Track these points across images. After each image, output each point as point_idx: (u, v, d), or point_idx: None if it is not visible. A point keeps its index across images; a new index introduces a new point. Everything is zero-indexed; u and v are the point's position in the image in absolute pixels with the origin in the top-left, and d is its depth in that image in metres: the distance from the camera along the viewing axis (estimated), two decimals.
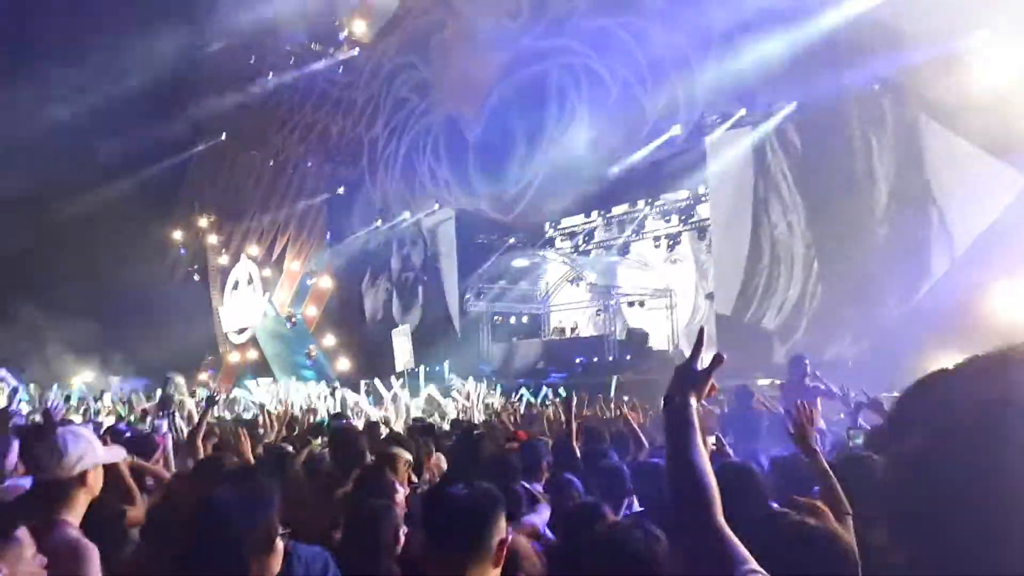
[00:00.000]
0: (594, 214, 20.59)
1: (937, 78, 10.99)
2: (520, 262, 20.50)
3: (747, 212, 14.72)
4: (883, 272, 10.46)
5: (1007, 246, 9.47)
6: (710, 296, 16.45)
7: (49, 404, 7.33)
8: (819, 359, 8.21)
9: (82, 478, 2.43)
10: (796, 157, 13.80)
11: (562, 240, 22.03)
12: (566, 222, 21.59)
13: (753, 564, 1.38)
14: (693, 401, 1.70)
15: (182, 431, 6.31)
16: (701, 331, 1.80)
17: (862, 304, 9.95)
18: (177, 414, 7.01)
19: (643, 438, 5.19)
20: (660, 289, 19.03)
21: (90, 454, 2.42)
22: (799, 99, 13.14)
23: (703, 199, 17.30)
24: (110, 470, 2.70)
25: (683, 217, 18.78)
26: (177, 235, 28.80)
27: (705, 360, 1.77)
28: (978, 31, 10.28)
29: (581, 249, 21.21)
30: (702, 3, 13.34)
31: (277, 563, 1.91)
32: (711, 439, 4.86)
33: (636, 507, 3.65)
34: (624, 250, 20.55)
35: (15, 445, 4.04)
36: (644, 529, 2.19)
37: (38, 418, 7.32)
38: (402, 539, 2.82)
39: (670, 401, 1.72)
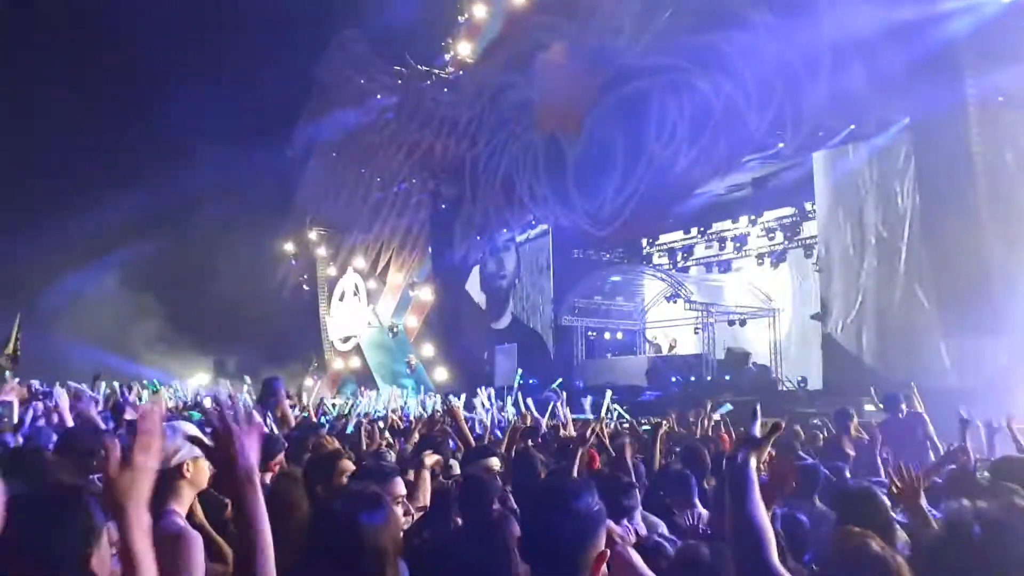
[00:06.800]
0: (693, 230, 20.20)
1: None
2: (616, 278, 20.36)
3: (853, 230, 14.11)
4: (993, 298, 9.73)
5: None
6: (815, 316, 15.79)
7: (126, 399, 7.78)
8: (921, 385, 7.79)
9: (179, 470, 2.62)
10: (907, 174, 13.11)
11: (660, 256, 21.73)
12: (664, 238, 21.31)
13: None
14: (753, 461, 2.01)
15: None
16: (755, 407, 2.16)
17: (970, 330, 9.32)
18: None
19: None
20: (763, 308, 18.46)
21: (186, 448, 2.56)
22: (912, 113, 12.52)
23: (810, 216, 16.70)
24: None
25: (788, 234, 18.18)
26: (289, 247, 30.22)
27: (765, 427, 2.10)
28: None
29: (680, 265, 20.83)
30: (813, 17, 12.91)
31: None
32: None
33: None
34: (725, 267, 20.06)
35: None
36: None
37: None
38: None
39: (732, 460, 2.05)
